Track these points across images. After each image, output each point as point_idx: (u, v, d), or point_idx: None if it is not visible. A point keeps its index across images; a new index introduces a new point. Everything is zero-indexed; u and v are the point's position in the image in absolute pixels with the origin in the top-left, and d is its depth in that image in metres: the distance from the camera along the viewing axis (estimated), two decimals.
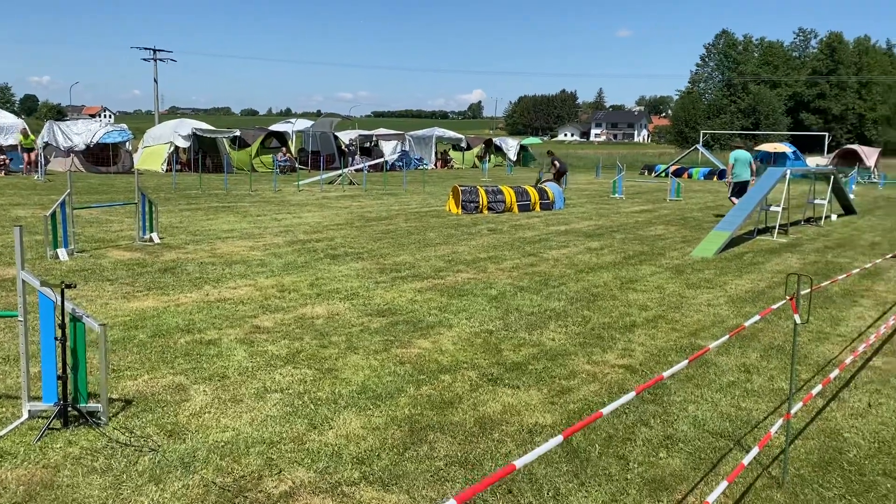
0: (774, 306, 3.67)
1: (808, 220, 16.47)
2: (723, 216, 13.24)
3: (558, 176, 23.30)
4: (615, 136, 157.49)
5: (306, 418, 4.41)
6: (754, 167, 17.22)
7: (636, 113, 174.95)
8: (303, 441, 4.10)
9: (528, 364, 5.60)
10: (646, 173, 39.55)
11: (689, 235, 13.50)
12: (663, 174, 36.62)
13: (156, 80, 59.41)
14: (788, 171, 13.85)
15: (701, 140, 50.44)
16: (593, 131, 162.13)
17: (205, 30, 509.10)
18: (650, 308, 7.56)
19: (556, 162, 23.70)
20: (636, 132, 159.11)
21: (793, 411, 3.78)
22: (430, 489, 3.62)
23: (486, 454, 4.02)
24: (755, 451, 3.38)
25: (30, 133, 25.60)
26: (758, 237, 13.44)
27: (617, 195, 22.69)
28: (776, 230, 13.76)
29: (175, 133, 28.85)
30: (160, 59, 59.05)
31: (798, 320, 3.59)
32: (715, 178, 35.43)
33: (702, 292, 8.42)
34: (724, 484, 3.09)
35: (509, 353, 5.86)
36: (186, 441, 4.04)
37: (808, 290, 4.12)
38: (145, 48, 58.66)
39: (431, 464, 3.88)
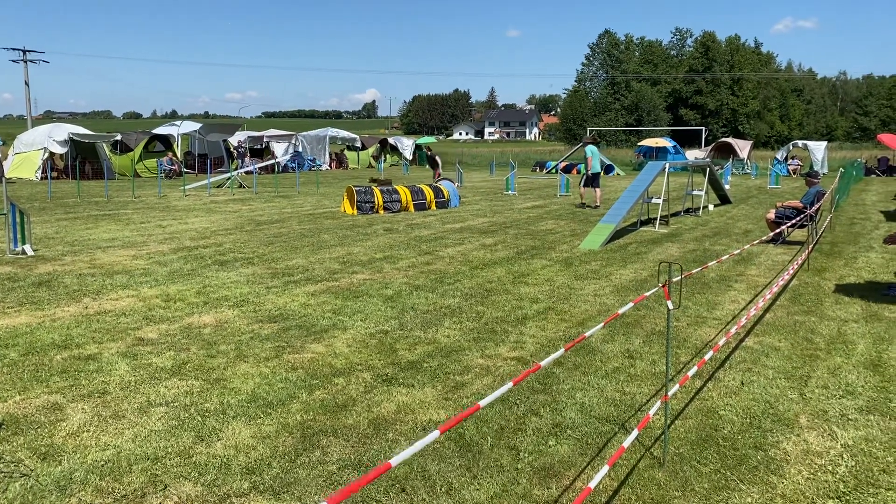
0: (647, 293, 3.84)
1: (687, 211, 17.34)
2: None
3: (433, 167, 24.04)
4: (508, 135, 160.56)
5: (193, 431, 4.27)
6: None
7: (527, 111, 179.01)
8: (189, 454, 3.96)
9: (422, 362, 5.63)
10: (537, 170, 40.53)
11: (577, 229, 13.94)
12: (553, 170, 37.64)
13: (27, 83, 55.80)
14: (668, 165, 14.53)
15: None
16: (487, 130, 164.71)
17: (80, 29, 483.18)
18: (541, 300, 7.76)
19: (436, 158, 24.48)
20: (528, 130, 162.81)
21: (671, 393, 3.97)
22: (323, 494, 3.57)
23: (379, 455, 4.01)
24: (635, 433, 3.53)
25: None
26: (641, 228, 14.03)
27: (510, 192, 23.15)
28: (658, 221, 14.41)
29: (49, 139, 27.24)
30: (31, 61, 55.51)
31: (671, 306, 3.77)
32: (602, 173, 36.71)
33: (589, 283, 8.71)
34: (605, 468, 3.21)
35: (404, 353, 5.87)
36: (62, 463, 3.83)
37: (680, 276, 4.34)
38: (14, 48, 55.01)
39: (324, 469, 3.84)
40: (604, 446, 4.16)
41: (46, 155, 26.89)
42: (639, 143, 49.32)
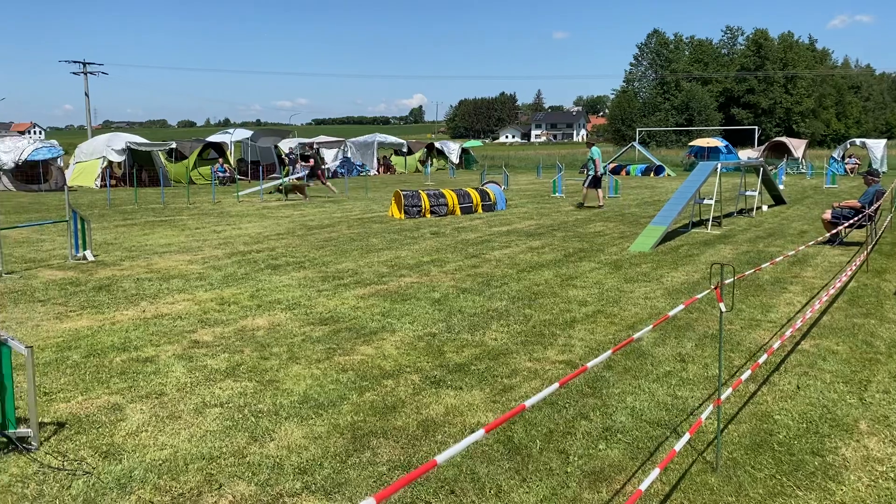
0: (698, 296, 3.78)
1: (740, 212, 16.99)
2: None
3: (312, 173, 23.91)
4: (555, 137, 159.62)
5: (247, 431, 4.36)
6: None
7: (574, 113, 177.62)
8: (243, 454, 4.05)
9: (470, 365, 5.64)
10: (584, 172, 40.17)
11: (626, 231, 13.78)
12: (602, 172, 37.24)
13: (87, 94, 57.78)
14: (719, 165, 14.27)
15: (637, 138, 51.57)
16: (534, 132, 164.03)
17: (137, 41, 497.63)
18: (589, 303, 7.69)
19: (310, 159, 24.55)
20: (575, 132, 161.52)
21: (723, 397, 3.91)
22: (373, 495, 3.61)
23: (428, 457, 4.03)
24: (686, 437, 3.48)
25: None
26: (693, 230, 13.80)
27: (557, 194, 23.02)
28: (710, 222, 14.15)
29: (108, 147, 28.12)
30: (91, 73, 57.48)
31: (723, 308, 3.71)
32: (652, 175, 36.25)
33: (639, 286, 8.61)
34: (656, 471, 3.17)
35: (452, 355, 5.89)
36: (122, 461, 3.95)
37: (732, 278, 4.26)
38: (74, 61, 57.02)
39: (374, 469, 3.88)
40: (655, 450, 4.11)
41: (105, 163, 27.74)
42: (690, 144, 48.53)
